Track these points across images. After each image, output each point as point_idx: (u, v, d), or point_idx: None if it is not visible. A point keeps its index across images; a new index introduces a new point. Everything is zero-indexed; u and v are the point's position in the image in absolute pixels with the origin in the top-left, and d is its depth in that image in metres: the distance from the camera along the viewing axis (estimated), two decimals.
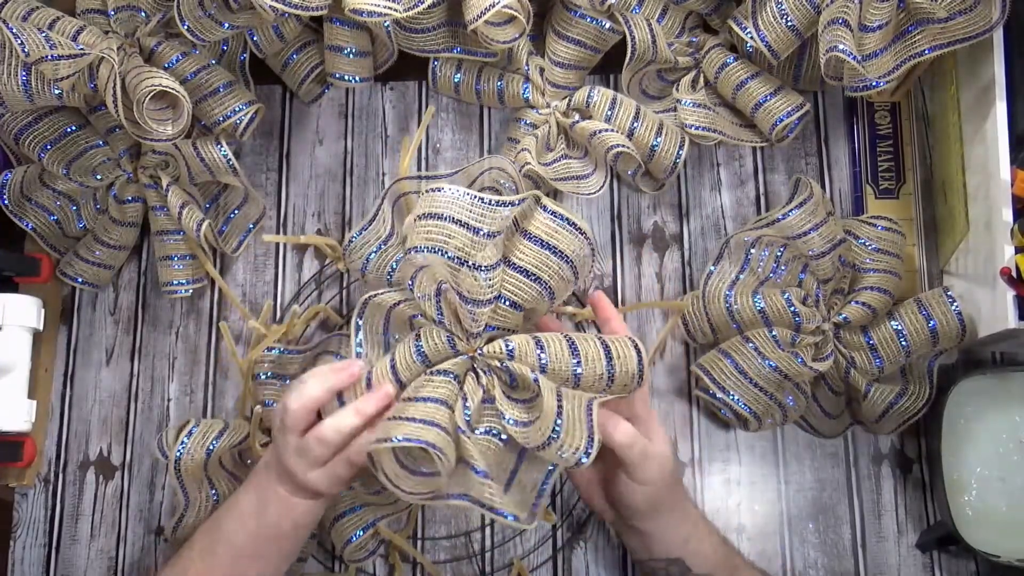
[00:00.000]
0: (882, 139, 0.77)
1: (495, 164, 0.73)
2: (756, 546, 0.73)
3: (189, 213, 0.73)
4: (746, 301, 0.69)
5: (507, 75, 0.77)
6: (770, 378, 0.68)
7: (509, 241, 0.58)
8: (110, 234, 0.75)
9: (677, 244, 0.78)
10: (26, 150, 0.73)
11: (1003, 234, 0.63)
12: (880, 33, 0.64)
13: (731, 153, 0.80)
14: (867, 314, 0.68)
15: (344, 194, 0.80)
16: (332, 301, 0.78)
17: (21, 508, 0.76)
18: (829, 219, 0.70)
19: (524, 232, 0.57)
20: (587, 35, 0.74)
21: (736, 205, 0.78)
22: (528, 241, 0.57)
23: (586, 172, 0.76)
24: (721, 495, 0.74)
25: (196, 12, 0.70)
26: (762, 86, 0.73)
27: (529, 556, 0.73)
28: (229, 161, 0.73)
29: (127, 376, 0.78)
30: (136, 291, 0.80)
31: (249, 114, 0.73)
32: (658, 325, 0.77)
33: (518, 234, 0.57)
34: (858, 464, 0.74)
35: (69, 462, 0.77)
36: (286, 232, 0.80)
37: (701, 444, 0.75)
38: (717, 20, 0.76)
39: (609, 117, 0.73)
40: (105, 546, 0.75)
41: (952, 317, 0.68)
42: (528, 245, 0.57)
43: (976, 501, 0.67)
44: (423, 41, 0.75)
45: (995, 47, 0.65)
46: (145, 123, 0.66)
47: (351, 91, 0.82)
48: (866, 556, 0.72)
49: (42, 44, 0.62)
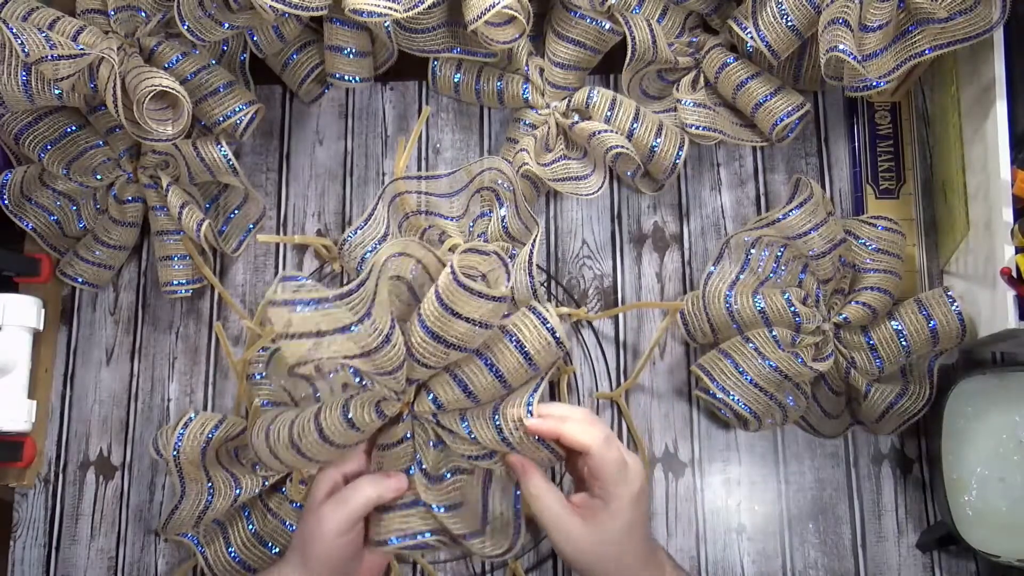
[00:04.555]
0: (882, 139, 0.77)
1: (492, 165, 0.73)
2: (756, 546, 0.73)
3: (189, 213, 0.73)
4: (746, 301, 0.69)
5: (507, 75, 0.77)
6: (770, 378, 0.68)
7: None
8: (110, 234, 0.75)
9: (677, 244, 0.78)
10: (26, 150, 0.73)
11: (1003, 234, 0.63)
12: (880, 33, 0.64)
13: (731, 153, 0.80)
14: (867, 314, 0.68)
15: (344, 194, 0.80)
16: None
17: (21, 508, 0.76)
18: (829, 219, 0.70)
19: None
20: (587, 36, 0.74)
21: (736, 205, 0.78)
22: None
23: (585, 173, 0.76)
24: (721, 495, 0.74)
25: (196, 12, 0.70)
26: (762, 86, 0.73)
27: (528, 555, 0.73)
28: (229, 161, 0.73)
29: (127, 376, 0.78)
30: (136, 291, 0.80)
31: (249, 114, 0.73)
32: (658, 325, 0.77)
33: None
34: (858, 464, 0.74)
35: (69, 462, 0.77)
36: (286, 232, 0.80)
37: (701, 444, 0.75)
38: (717, 20, 0.76)
39: (609, 118, 0.73)
40: (105, 546, 0.75)
41: (952, 317, 0.68)
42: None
43: (976, 501, 0.67)
44: (423, 41, 0.75)
45: (995, 47, 0.65)
46: (145, 123, 0.66)
47: (351, 91, 0.82)
48: (866, 556, 0.72)
49: (42, 44, 0.62)
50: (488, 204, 0.74)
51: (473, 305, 0.54)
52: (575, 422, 0.57)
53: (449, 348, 0.56)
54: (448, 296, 0.54)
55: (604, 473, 0.56)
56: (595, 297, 0.77)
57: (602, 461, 0.56)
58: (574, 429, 0.56)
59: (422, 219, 0.75)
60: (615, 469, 0.56)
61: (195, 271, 0.77)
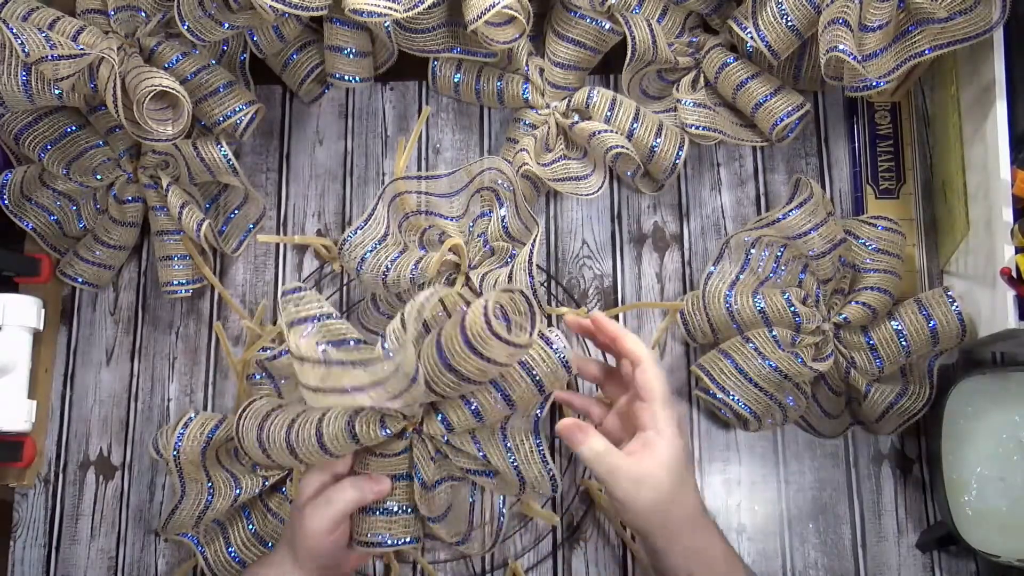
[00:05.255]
0: (882, 139, 0.77)
1: (492, 165, 0.73)
2: (756, 546, 0.73)
3: (189, 213, 0.73)
4: (746, 301, 0.69)
5: (507, 75, 0.77)
6: (770, 378, 0.68)
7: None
8: (110, 234, 0.75)
9: (677, 244, 0.78)
10: (26, 150, 0.73)
11: (1003, 234, 0.63)
12: (880, 33, 0.64)
13: (731, 153, 0.80)
14: (867, 314, 0.68)
15: (344, 194, 0.80)
16: (331, 300, 0.78)
17: (21, 508, 0.76)
18: (829, 219, 0.70)
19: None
20: (587, 36, 0.74)
21: (736, 205, 0.78)
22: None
23: (585, 173, 0.76)
24: (721, 495, 0.74)
25: (196, 12, 0.70)
26: (762, 86, 0.73)
27: (527, 555, 0.73)
28: (229, 161, 0.73)
29: (127, 376, 0.78)
30: (136, 291, 0.80)
31: (249, 114, 0.73)
32: (658, 325, 0.77)
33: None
34: (858, 464, 0.74)
35: (69, 462, 0.77)
36: (286, 232, 0.80)
37: (701, 444, 0.75)
38: (717, 20, 0.76)
39: (609, 118, 0.73)
40: (105, 546, 0.75)
41: (952, 317, 0.68)
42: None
43: (976, 501, 0.67)
44: (423, 41, 0.75)
45: (995, 47, 0.65)
46: (145, 123, 0.66)
47: (351, 91, 0.82)
48: (866, 556, 0.72)
49: (42, 44, 0.62)
50: (488, 204, 0.74)
51: (499, 350, 0.55)
52: (629, 337, 0.59)
53: (464, 382, 0.57)
54: (477, 338, 0.55)
55: (653, 391, 0.56)
56: (595, 297, 0.77)
57: (652, 377, 0.56)
58: (630, 339, 0.58)
59: (422, 219, 0.75)
60: (664, 390, 0.56)
61: (195, 271, 0.77)
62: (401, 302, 0.73)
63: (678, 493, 0.55)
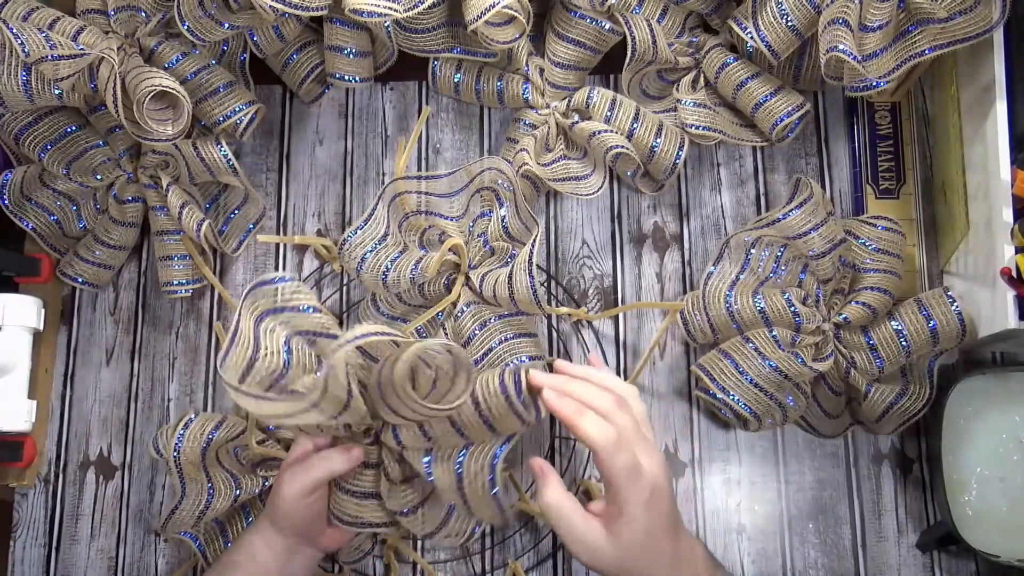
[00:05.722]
0: (882, 139, 0.77)
1: (492, 165, 0.73)
2: (756, 546, 0.73)
3: (189, 213, 0.73)
4: (746, 301, 0.69)
5: (507, 75, 0.77)
6: (770, 378, 0.68)
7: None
8: (110, 234, 0.75)
9: (677, 244, 0.78)
10: (26, 150, 0.73)
11: (1003, 234, 0.63)
12: (880, 33, 0.64)
13: (731, 153, 0.80)
14: (867, 314, 0.68)
15: (344, 194, 0.80)
16: (331, 300, 0.78)
17: (21, 508, 0.76)
18: (829, 219, 0.70)
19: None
20: (587, 36, 0.74)
21: (736, 205, 0.78)
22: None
23: (585, 173, 0.76)
24: (721, 495, 0.74)
25: (196, 12, 0.70)
26: (762, 86, 0.73)
27: (527, 555, 0.73)
28: (229, 161, 0.73)
29: (127, 376, 0.78)
30: (136, 291, 0.80)
31: (249, 114, 0.73)
32: (658, 325, 0.77)
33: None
34: (858, 464, 0.74)
35: (69, 462, 0.77)
36: (286, 232, 0.80)
37: (701, 444, 0.75)
38: (717, 20, 0.76)
39: (609, 118, 0.73)
40: (105, 546, 0.75)
41: (952, 317, 0.68)
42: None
43: (976, 501, 0.67)
44: (423, 41, 0.75)
45: (995, 47, 0.65)
46: (145, 123, 0.66)
47: (351, 91, 0.82)
48: (866, 556, 0.72)
49: (42, 44, 0.62)
50: (488, 204, 0.74)
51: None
52: (592, 418, 0.54)
53: (402, 418, 0.59)
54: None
55: (612, 478, 0.53)
56: (595, 297, 0.77)
57: (609, 465, 0.53)
58: (589, 424, 0.54)
59: (422, 219, 0.75)
60: (624, 474, 0.53)
61: (195, 271, 0.77)
62: (401, 302, 0.73)
63: (639, 560, 0.54)
